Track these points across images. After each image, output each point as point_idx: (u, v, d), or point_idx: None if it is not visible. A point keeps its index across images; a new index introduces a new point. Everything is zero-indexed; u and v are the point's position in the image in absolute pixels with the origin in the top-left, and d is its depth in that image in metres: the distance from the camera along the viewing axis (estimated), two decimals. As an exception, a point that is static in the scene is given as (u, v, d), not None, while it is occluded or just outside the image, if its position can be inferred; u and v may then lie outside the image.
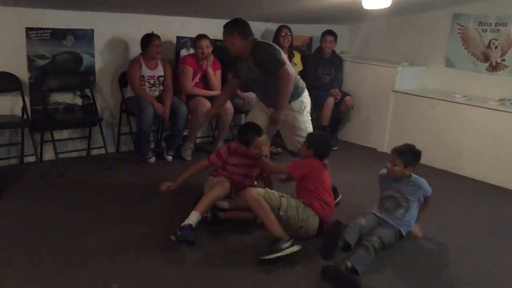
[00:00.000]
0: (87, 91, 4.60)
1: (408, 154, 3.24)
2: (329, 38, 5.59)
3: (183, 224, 3.07)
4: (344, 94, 5.69)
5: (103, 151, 4.56)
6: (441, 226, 3.65)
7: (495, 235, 3.59)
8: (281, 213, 3.09)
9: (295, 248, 2.89)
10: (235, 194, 3.47)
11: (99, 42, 4.62)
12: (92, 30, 4.54)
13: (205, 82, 4.97)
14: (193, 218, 3.12)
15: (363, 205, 3.71)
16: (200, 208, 3.18)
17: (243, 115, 5.54)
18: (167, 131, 4.99)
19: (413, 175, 3.30)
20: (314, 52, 5.82)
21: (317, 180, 3.28)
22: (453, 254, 3.25)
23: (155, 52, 4.53)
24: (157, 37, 4.56)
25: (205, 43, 4.78)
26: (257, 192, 3.10)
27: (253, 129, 3.49)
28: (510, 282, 2.96)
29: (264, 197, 3.07)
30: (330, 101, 5.47)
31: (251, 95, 5.19)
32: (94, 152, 4.78)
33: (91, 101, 4.61)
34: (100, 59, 4.67)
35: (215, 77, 4.98)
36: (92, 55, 4.60)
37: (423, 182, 3.29)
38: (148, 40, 4.52)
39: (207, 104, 4.69)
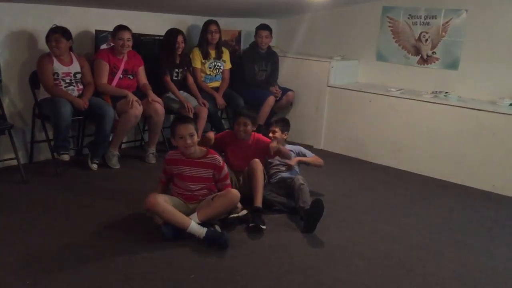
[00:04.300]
0: (-8, 94, 3.96)
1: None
2: (265, 33, 5.31)
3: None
4: (285, 90, 5.45)
5: (14, 162, 3.94)
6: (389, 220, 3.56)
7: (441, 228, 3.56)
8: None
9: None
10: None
11: (3, 37, 3.99)
12: (-6, 23, 3.92)
13: (133, 79, 4.51)
14: None
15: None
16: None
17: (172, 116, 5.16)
18: (90, 136, 4.44)
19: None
20: (249, 48, 5.49)
21: None
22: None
23: (54, 47, 3.97)
24: (59, 30, 3.99)
25: (126, 35, 4.30)
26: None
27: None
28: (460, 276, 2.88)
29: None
30: (271, 99, 5.21)
31: (189, 98, 4.81)
32: (3, 164, 4.12)
33: (-3, 106, 3.96)
34: (4, 57, 4.03)
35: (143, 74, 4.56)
36: (-6, 52, 3.97)
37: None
38: (48, 35, 3.99)
39: (139, 105, 4.24)
